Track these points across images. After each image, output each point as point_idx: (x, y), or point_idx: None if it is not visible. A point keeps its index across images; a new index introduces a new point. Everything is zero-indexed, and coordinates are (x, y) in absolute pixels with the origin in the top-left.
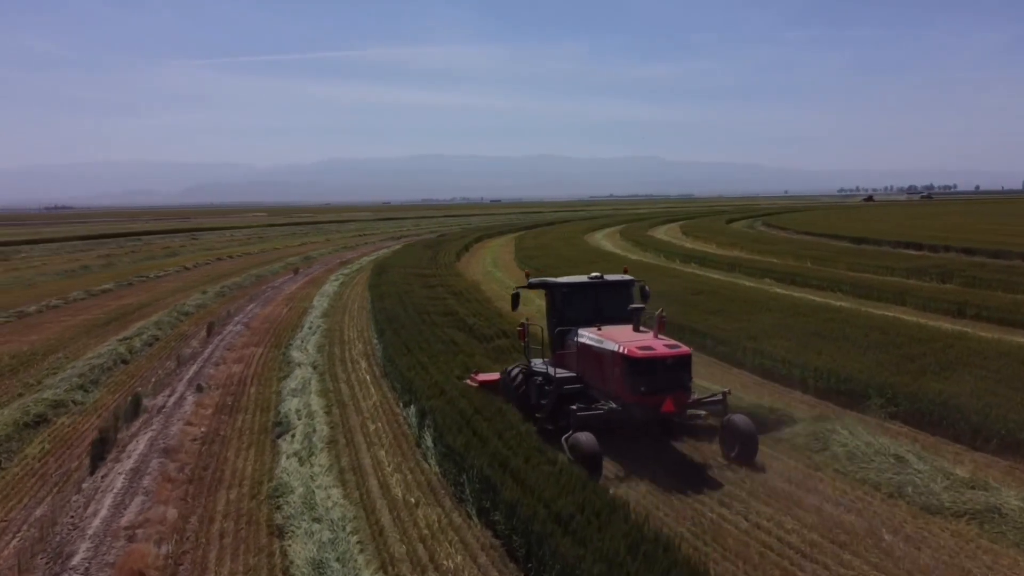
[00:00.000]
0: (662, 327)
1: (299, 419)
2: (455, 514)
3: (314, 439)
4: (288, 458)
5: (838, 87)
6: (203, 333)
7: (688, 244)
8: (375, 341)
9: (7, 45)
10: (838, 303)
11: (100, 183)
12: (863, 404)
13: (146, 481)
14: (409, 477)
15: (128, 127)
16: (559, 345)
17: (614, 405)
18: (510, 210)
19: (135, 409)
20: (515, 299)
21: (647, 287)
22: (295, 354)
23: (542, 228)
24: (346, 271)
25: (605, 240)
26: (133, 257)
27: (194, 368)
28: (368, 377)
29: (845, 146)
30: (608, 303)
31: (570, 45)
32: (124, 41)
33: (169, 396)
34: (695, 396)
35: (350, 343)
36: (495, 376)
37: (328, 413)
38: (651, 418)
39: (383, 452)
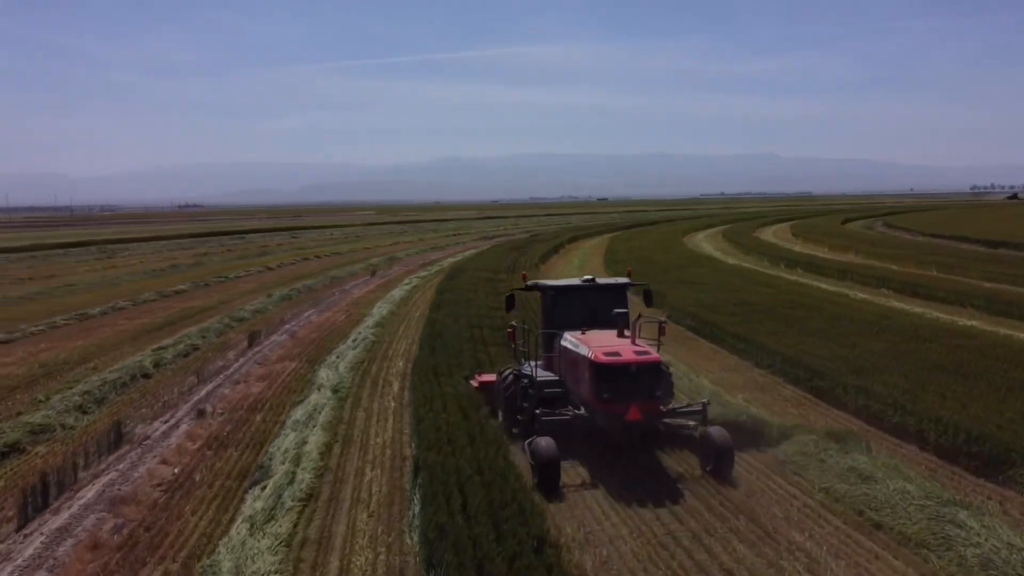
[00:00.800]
0: (662, 332)
1: (283, 463)
2: None
3: (286, 494)
4: (241, 522)
5: (969, 78)
6: (244, 343)
7: (796, 247)
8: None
9: (144, 54)
10: (969, 322)
11: (227, 182)
12: (1005, 475)
13: (64, 547)
14: (381, 558)
15: (253, 129)
16: (547, 348)
17: (583, 411)
18: (615, 209)
19: (116, 439)
20: (510, 301)
21: (651, 290)
22: (323, 373)
23: (642, 228)
24: (424, 274)
25: (706, 242)
26: (225, 256)
27: (210, 387)
28: (394, 404)
29: (979, 141)
30: (603, 307)
31: (682, 41)
32: (249, 48)
33: (166, 422)
34: (673, 405)
35: (392, 359)
36: (495, 377)
37: (323, 455)
38: (616, 426)
39: (366, 515)
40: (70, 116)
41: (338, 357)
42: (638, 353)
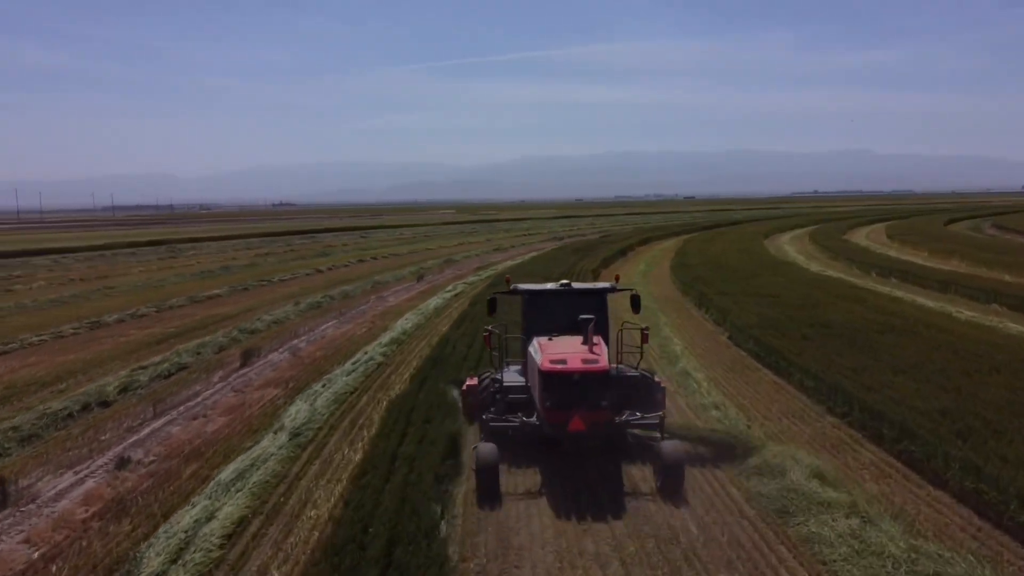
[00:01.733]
0: (644, 340)
1: (159, 555)
2: None
3: None
4: None
5: None
6: (236, 362)
7: (892, 251)
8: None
9: (244, 59)
10: None
11: (321, 181)
12: None
13: None
14: None
15: (346, 130)
16: (524, 353)
17: (533, 418)
18: (699, 207)
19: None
20: (491, 304)
21: (638, 296)
22: (297, 407)
23: (723, 228)
24: (473, 279)
25: (790, 245)
26: (283, 257)
27: (160, 423)
28: (361, 455)
29: None
30: (581, 312)
31: (771, 35)
32: (341, 51)
33: (77, 473)
34: (627, 416)
35: (389, 389)
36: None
37: (225, 542)
38: (560, 436)
39: None
40: (176, 119)
41: (326, 384)
42: (586, 361)
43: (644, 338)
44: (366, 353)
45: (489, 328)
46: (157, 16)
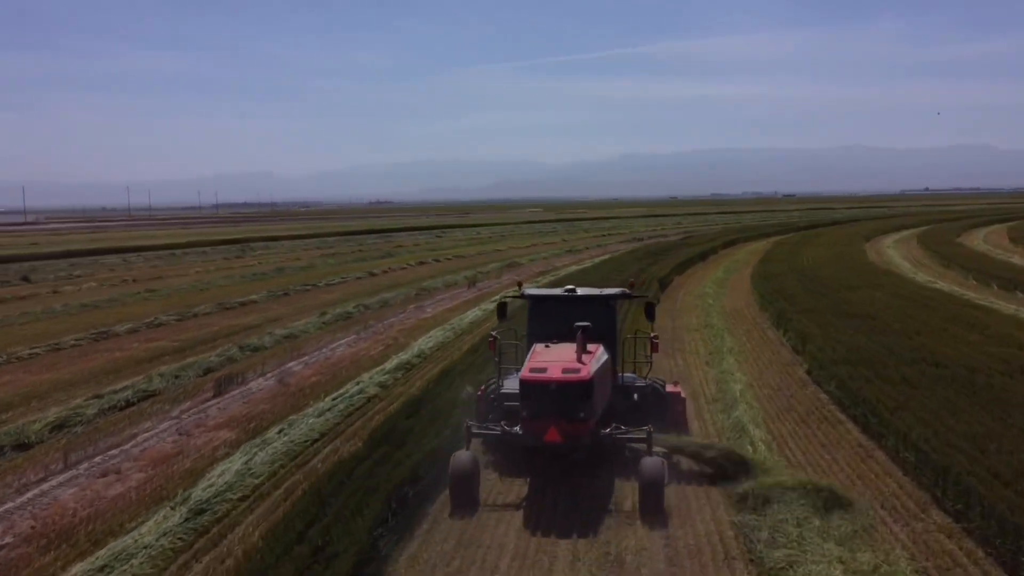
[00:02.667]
0: (654, 349)
1: None
2: None
3: None
4: None
5: None
6: (211, 391)
7: (1015, 258)
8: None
9: (341, 61)
10: None
11: (419, 180)
12: None
13: None
14: None
15: (441, 129)
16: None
17: (518, 427)
18: (798, 206)
19: None
20: (501, 309)
21: (653, 304)
22: (228, 464)
23: (820, 229)
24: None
25: (893, 249)
26: (343, 259)
27: (55, 481)
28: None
29: None
30: (586, 320)
31: (880, 25)
32: (437, 51)
33: None
34: (613, 429)
35: (362, 437)
36: None
37: None
38: (538, 447)
39: None
40: (278, 120)
41: (285, 430)
42: (566, 371)
43: (654, 347)
44: (359, 383)
45: (493, 334)
46: (263, 24)
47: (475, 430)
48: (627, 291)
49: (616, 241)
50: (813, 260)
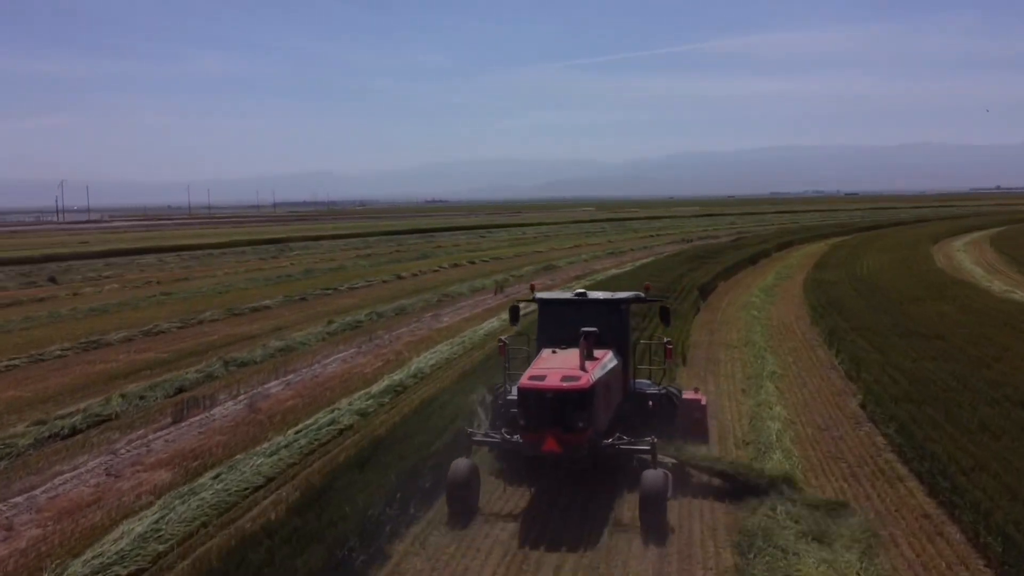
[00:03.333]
0: (668, 356)
1: None
2: None
3: None
4: None
5: None
6: (170, 416)
7: None
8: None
9: (401, 61)
10: None
11: (474, 178)
12: None
13: None
14: None
15: (495, 128)
16: None
17: (518, 435)
18: (861, 205)
19: None
20: (513, 312)
21: (668, 308)
22: (128, 526)
23: (883, 230)
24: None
25: (964, 252)
26: (378, 259)
27: None
28: None
29: None
30: (597, 324)
31: (951, 17)
32: (495, 50)
33: None
34: (615, 439)
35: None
36: None
37: None
38: (536, 456)
39: None
40: (340, 120)
41: (231, 468)
42: (565, 379)
43: (668, 353)
44: (336, 410)
45: (502, 339)
46: (323, 25)
47: (476, 437)
48: (640, 295)
49: (664, 242)
50: (873, 266)
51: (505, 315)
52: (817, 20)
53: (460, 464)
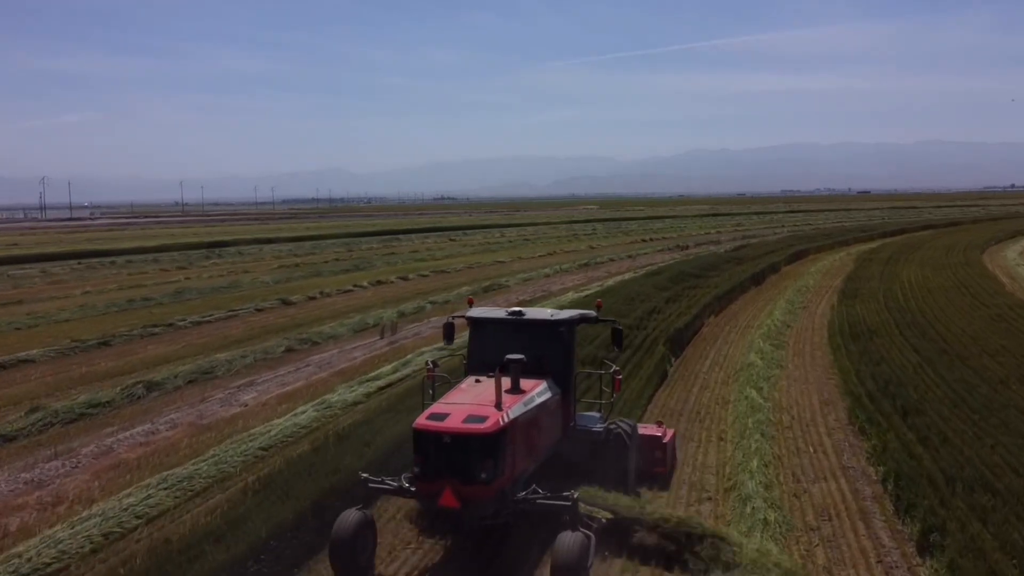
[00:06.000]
0: (616, 388)
1: None
2: None
3: None
4: None
5: None
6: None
7: None
8: None
9: (416, 60)
10: None
11: (486, 176)
12: None
13: None
14: None
15: (508, 125)
16: None
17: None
18: (877, 204)
19: None
20: (447, 330)
21: (620, 330)
22: None
23: (914, 233)
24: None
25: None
26: (290, 273)
27: None
28: None
29: None
30: (535, 348)
31: (966, 15)
32: (508, 47)
33: None
34: (530, 493)
35: None
36: None
37: None
38: (433, 511)
39: None
40: (351, 118)
41: None
42: (469, 419)
43: (615, 384)
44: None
45: (430, 364)
46: (337, 24)
47: (370, 483)
48: (589, 314)
49: (655, 249)
50: (921, 291)
51: (389, 375)
52: (832, 17)
53: (348, 516)
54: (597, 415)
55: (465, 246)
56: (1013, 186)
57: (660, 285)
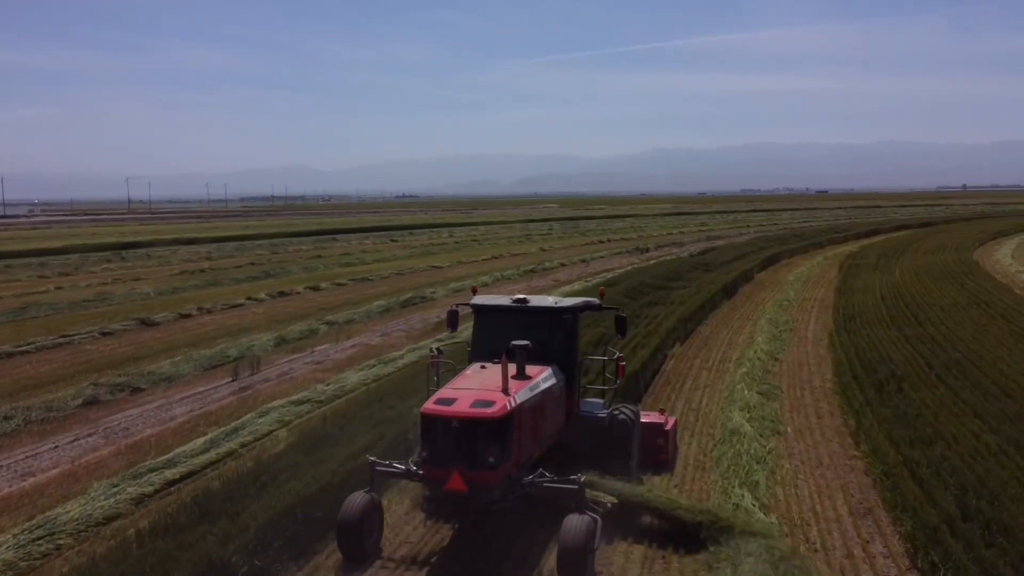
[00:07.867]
0: (620, 374)
1: None
2: None
3: None
4: None
5: None
6: None
7: None
8: None
9: (384, 57)
10: None
11: (450, 174)
12: None
13: None
14: None
15: (475, 123)
16: None
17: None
18: (840, 203)
19: None
20: (451, 317)
21: (624, 318)
22: None
23: (887, 235)
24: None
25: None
26: (193, 280)
27: None
28: None
29: None
30: (538, 336)
31: (924, 19)
32: (471, 44)
33: None
34: (537, 476)
35: None
36: None
37: None
38: (440, 495)
39: None
40: (316, 115)
41: None
42: (476, 404)
43: (620, 371)
44: None
45: (433, 350)
46: (302, 19)
47: (377, 467)
48: (593, 301)
49: (611, 252)
50: (935, 308)
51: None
52: (795, 18)
53: (355, 499)
54: (600, 401)
55: (405, 248)
56: (965, 187)
57: (614, 301)
